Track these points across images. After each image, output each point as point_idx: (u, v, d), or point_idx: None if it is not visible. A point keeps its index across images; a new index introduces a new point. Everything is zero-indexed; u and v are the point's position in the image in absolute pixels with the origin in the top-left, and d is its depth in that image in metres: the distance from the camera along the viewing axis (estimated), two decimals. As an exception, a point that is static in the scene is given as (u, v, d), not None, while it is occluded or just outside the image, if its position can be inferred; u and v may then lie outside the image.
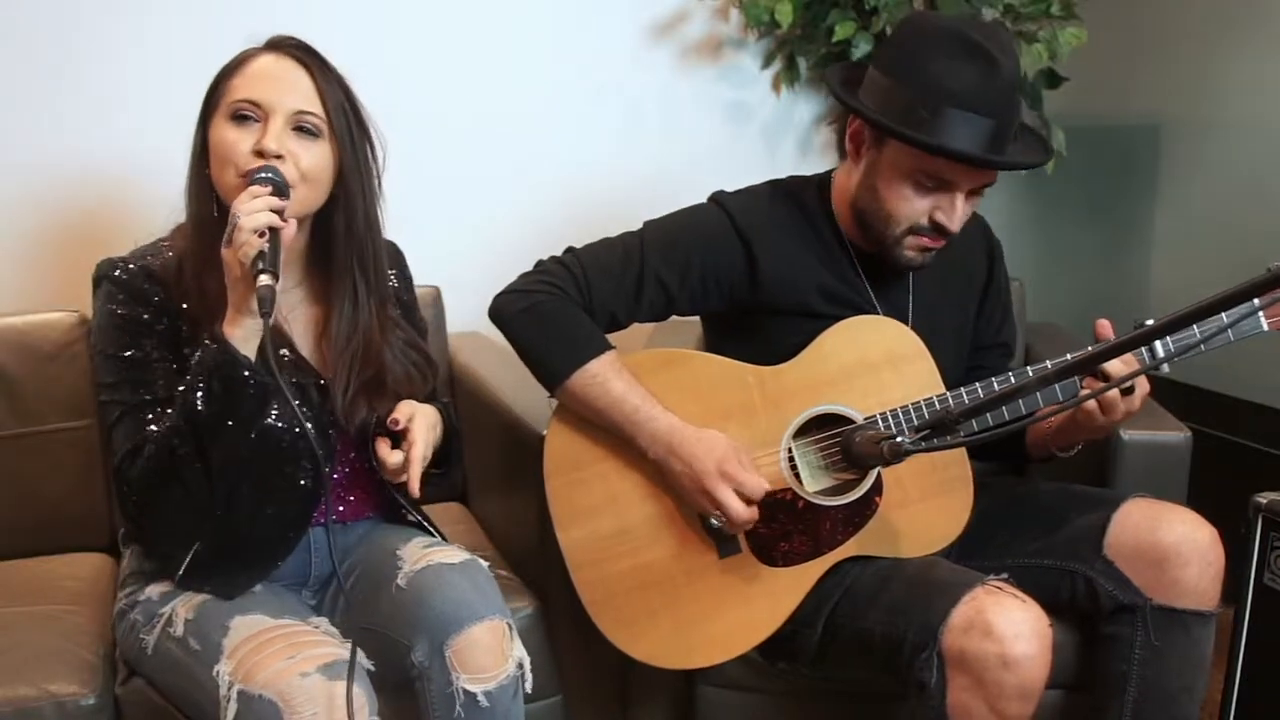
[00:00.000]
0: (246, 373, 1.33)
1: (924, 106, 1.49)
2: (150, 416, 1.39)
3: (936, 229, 1.57)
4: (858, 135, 1.60)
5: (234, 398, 1.34)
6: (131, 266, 1.43)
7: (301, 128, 1.41)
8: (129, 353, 1.41)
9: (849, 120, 1.61)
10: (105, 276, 1.44)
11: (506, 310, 1.63)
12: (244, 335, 1.34)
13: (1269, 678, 1.63)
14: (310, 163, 1.41)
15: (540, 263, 1.67)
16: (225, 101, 1.41)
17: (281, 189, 1.35)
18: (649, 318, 1.68)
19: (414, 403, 1.49)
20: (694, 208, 1.70)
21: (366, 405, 1.49)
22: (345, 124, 1.45)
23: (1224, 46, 2.36)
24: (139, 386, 1.40)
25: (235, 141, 1.38)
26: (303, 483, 1.47)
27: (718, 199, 1.70)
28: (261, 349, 1.35)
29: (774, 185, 1.73)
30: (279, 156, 1.38)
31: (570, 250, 1.67)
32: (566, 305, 1.61)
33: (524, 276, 1.66)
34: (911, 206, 1.56)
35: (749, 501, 1.54)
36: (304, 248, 1.51)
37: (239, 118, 1.39)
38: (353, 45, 2.33)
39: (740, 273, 1.65)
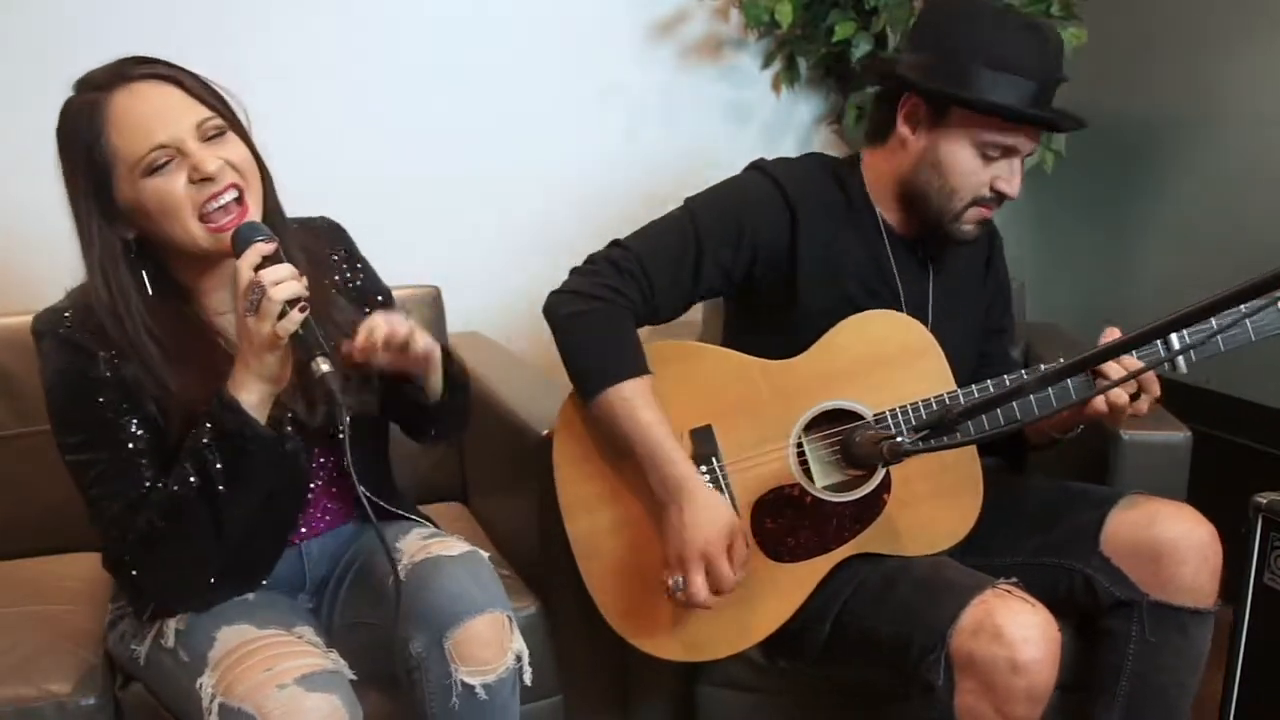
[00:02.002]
0: (258, 443, 1.32)
1: (981, 73, 1.53)
2: (126, 474, 1.35)
3: (998, 197, 1.60)
4: (913, 115, 1.60)
5: (250, 466, 1.33)
6: (70, 319, 1.37)
7: (209, 136, 1.35)
8: (84, 410, 1.36)
9: (902, 102, 1.61)
10: (45, 333, 1.38)
11: (560, 310, 1.61)
12: (256, 401, 1.32)
13: (1269, 678, 1.63)
14: (238, 157, 1.36)
15: (592, 259, 1.64)
16: (124, 162, 1.32)
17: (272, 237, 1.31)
18: (706, 295, 1.68)
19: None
20: (737, 177, 1.70)
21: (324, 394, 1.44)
22: (224, 107, 1.39)
23: (1224, 45, 2.36)
24: (106, 444, 1.35)
25: (171, 190, 1.32)
26: (286, 509, 1.46)
27: (760, 166, 1.69)
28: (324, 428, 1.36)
29: (816, 158, 1.74)
30: (219, 170, 1.33)
31: (618, 243, 1.64)
32: (620, 316, 1.59)
33: (580, 276, 1.63)
34: (977, 177, 1.59)
35: (716, 590, 1.52)
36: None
37: (158, 169, 1.31)
38: (354, 47, 2.34)
39: (784, 240, 1.63)
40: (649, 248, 1.62)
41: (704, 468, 1.60)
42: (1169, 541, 1.58)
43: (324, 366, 1.28)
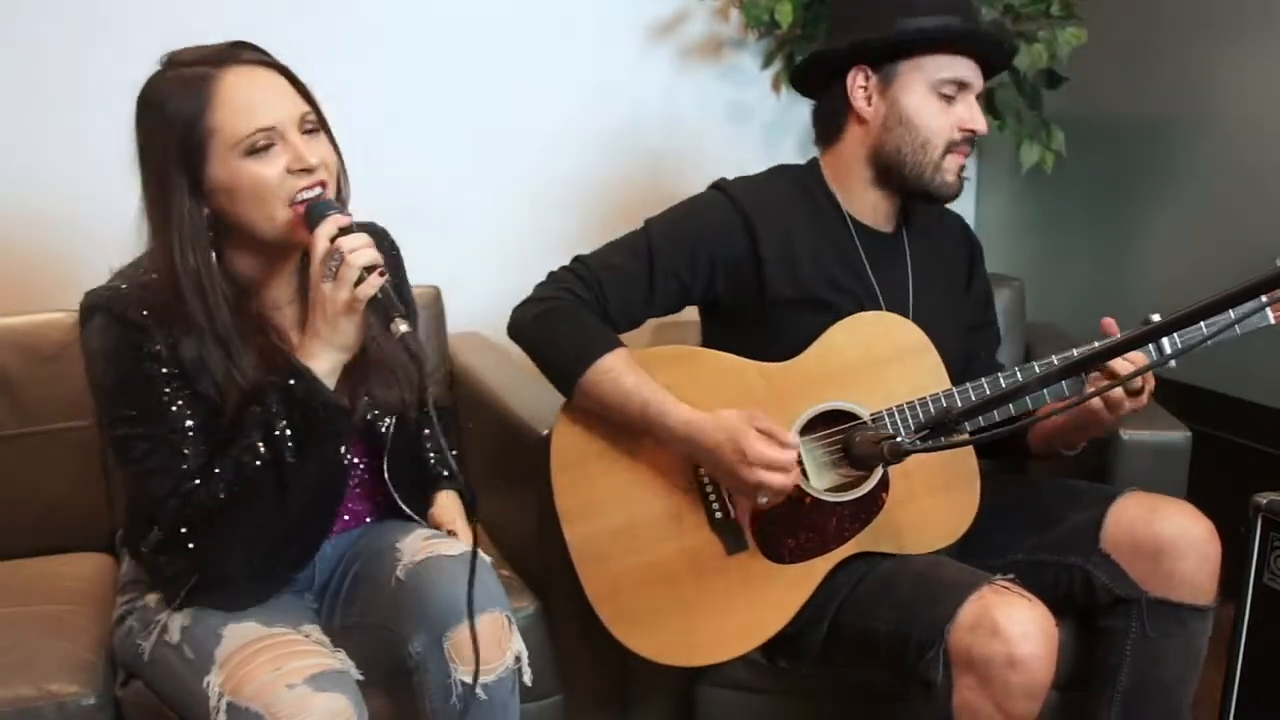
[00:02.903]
0: (330, 411, 1.34)
1: (906, 21, 1.60)
2: (179, 448, 1.36)
3: (967, 138, 1.64)
4: (865, 89, 1.65)
5: (317, 433, 1.35)
6: (122, 296, 1.37)
7: (307, 130, 1.37)
8: (134, 383, 1.36)
9: (850, 80, 1.66)
10: (97, 309, 1.38)
11: (521, 320, 1.65)
12: (328, 369, 1.34)
13: (1269, 678, 1.63)
14: (329, 157, 1.39)
15: (552, 273, 1.68)
16: (224, 140, 1.32)
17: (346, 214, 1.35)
18: (664, 311, 1.69)
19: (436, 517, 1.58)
20: (696, 196, 1.73)
21: (367, 393, 1.48)
22: (317, 107, 1.42)
23: (1224, 46, 2.36)
24: (156, 418, 1.36)
25: (268, 175, 1.33)
26: (335, 494, 1.47)
27: (719, 185, 1.72)
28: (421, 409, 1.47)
29: (775, 169, 1.77)
30: (318, 164, 1.35)
31: (578, 258, 1.68)
32: (577, 308, 1.62)
33: (538, 287, 1.67)
34: (943, 120, 1.63)
35: (785, 469, 1.52)
36: None
37: (258, 151, 1.33)
38: (353, 48, 2.34)
39: (745, 258, 1.66)
40: (604, 262, 1.66)
41: (703, 469, 1.61)
42: (1168, 538, 1.58)
43: (402, 327, 1.29)
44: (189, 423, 1.37)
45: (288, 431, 1.33)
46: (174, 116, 1.33)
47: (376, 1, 2.35)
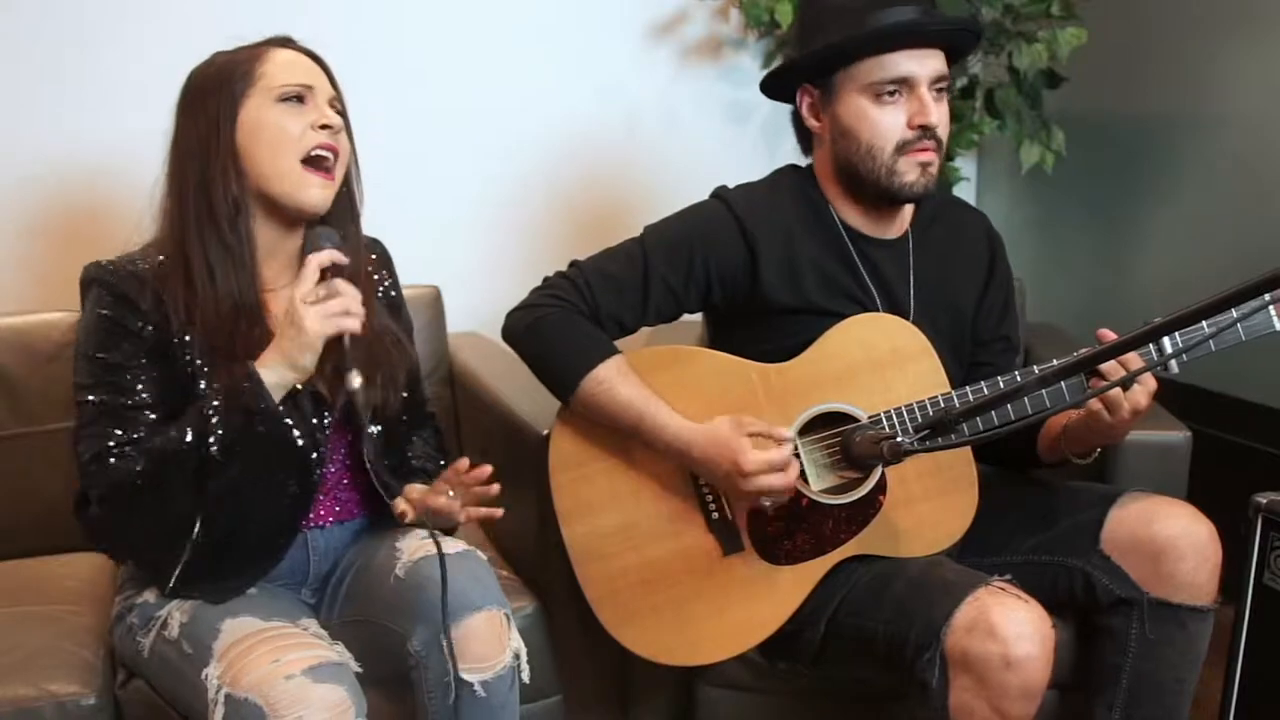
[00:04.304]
0: (269, 421, 1.37)
1: (830, 27, 1.58)
2: (124, 420, 1.39)
3: (922, 134, 1.58)
4: (812, 106, 1.66)
5: (251, 440, 1.37)
6: (120, 271, 1.43)
7: (333, 111, 1.47)
8: (108, 355, 1.41)
9: (799, 100, 1.67)
10: (94, 280, 1.44)
11: (516, 327, 1.65)
12: (277, 382, 1.38)
13: (1269, 678, 1.63)
14: (346, 145, 1.49)
15: (547, 278, 1.69)
16: (265, 85, 1.43)
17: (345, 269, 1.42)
18: (657, 320, 1.69)
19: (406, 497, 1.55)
20: (697, 205, 1.71)
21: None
22: (345, 110, 1.52)
23: (1224, 46, 2.36)
24: (116, 389, 1.40)
25: (291, 125, 1.43)
26: (292, 490, 1.47)
27: (720, 194, 1.71)
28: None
29: (776, 177, 1.75)
30: (338, 127, 1.45)
31: (574, 263, 1.68)
32: (570, 316, 1.62)
33: (531, 294, 1.68)
34: (886, 123, 1.59)
35: (783, 468, 1.53)
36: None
37: (290, 99, 1.43)
38: (356, 47, 2.34)
39: (743, 269, 1.65)
40: (598, 270, 1.65)
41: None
42: (1168, 539, 1.58)
43: (354, 383, 1.36)
44: (142, 398, 1.40)
45: (219, 430, 1.35)
46: (228, 68, 1.45)
47: (377, 3, 2.35)
